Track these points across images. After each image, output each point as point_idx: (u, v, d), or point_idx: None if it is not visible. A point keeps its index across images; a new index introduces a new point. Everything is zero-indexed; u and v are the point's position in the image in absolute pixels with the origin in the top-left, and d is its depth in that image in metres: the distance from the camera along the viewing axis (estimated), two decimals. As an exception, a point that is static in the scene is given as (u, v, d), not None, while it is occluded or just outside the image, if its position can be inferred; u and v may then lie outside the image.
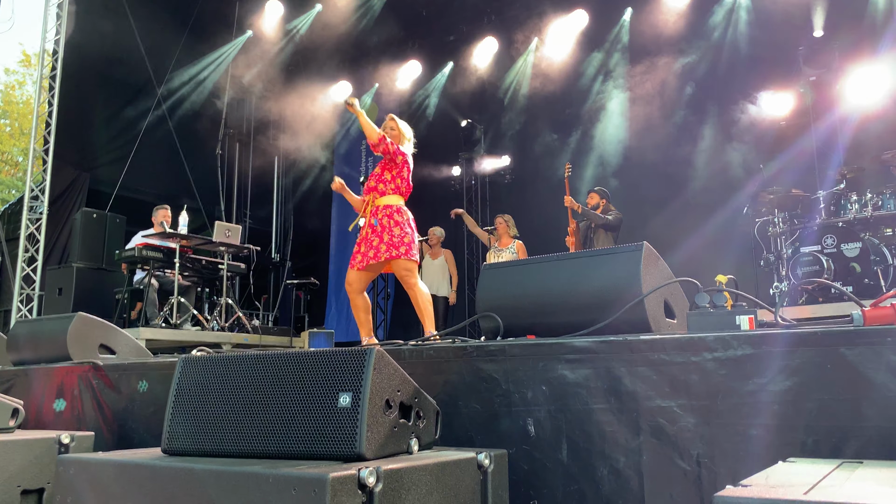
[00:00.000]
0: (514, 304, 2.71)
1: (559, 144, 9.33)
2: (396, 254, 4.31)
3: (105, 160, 9.04)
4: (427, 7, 10.29)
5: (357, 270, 4.43)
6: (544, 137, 9.43)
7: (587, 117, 9.18)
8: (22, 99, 23.86)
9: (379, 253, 4.32)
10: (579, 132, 9.20)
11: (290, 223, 11.85)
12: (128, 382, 3.21)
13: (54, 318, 4.05)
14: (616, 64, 9.07)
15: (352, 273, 4.47)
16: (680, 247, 7.49)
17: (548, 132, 9.42)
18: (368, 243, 4.38)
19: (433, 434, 2.04)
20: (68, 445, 2.66)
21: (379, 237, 4.35)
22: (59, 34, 8.35)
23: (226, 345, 6.98)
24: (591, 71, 9.23)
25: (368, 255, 4.36)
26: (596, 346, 2.15)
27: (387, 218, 4.38)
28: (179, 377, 2.08)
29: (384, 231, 4.35)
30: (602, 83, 9.12)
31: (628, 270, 2.45)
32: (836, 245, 5.66)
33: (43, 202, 8.15)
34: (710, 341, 1.99)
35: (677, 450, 1.97)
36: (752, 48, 7.98)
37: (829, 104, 7.21)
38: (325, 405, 1.79)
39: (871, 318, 1.90)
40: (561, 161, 9.17)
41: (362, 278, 4.49)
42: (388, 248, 4.31)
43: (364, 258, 4.38)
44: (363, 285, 4.53)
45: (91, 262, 7.79)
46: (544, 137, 9.43)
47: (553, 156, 9.33)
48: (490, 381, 2.33)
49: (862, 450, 1.75)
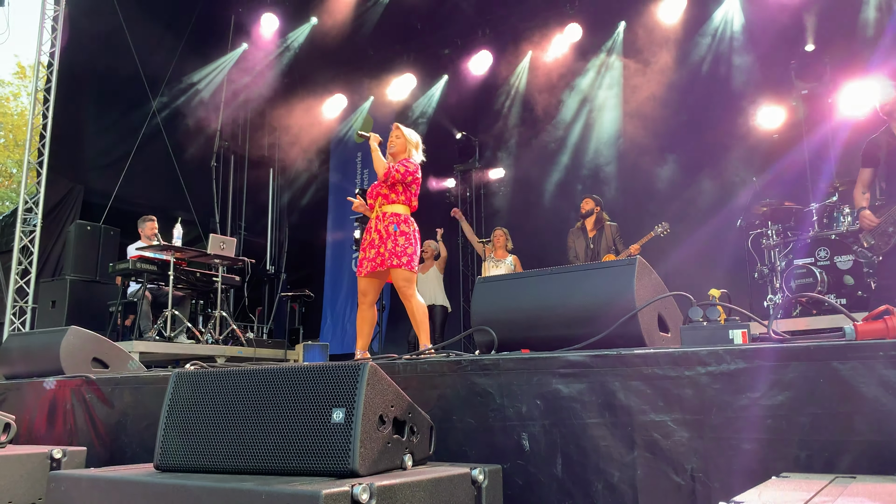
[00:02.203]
0: (509, 317, 2.72)
1: (553, 157, 9.36)
2: (398, 263, 4.31)
3: (99, 172, 9.03)
4: (422, 20, 10.34)
5: (365, 277, 4.44)
6: (539, 150, 9.47)
7: (581, 129, 9.22)
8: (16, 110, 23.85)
9: (384, 260, 4.34)
10: (574, 144, 9.24)
11: (285, 235, 11.84)
12: (121, 397, 3.19)
13: (47, 332, 4.03)
14: (609, 77, 9.13)
15: (363, 282, 4.47)
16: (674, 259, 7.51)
17: (542, 144, 9.45)
18: (376, 249, 4.39)
19: (427, 449, 2.04)
20: (60, 461, 2.64)
21: (384, 244, 4.35)
22: (55, 46, 8.37)
23: (220, 357, 6.95)
24: (584, 84, 9.28)
25: (376, 262, 4.36)
26: (590, 360, 2.16)
27: (393, 226, 4.38)
28: (172, 392, 2.07)
29: (389, 238, 4.35)
30: (595, 95, 9.17)
31: (622, 284, 2.46)
32: (829, 257, 5.68)
33: (37, 214, 8.14)
34: (703, 355, 1.99)
35: (671, 464, 1.98)
36: (744, 62, 8.04)
37: (821, 117, 7.26)
38: (319, 421, 1.79)
39: (863, 333, 1.91)
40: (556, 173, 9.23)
41: (374, 287, 4.49)
42: (391, 255, 4.32)
43: (371, 263, 4.38)
44: (376, 295, 4.55)
45: (85, 274, 7.76)
46: (539, 150, 9.47)
47: (547, 168, 9.36)
48: (484, 395, 2.33)
49: (855, 464, 1.75)
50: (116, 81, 9.19)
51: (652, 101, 8.51)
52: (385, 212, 4.44)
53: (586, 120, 9.20)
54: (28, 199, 8.19)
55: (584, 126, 9.20)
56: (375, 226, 4.44)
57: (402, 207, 4.46)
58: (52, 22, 8.42)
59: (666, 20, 8.58)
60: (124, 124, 9.28)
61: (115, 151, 9.10)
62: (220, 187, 10.68)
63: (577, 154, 9.17)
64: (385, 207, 4.45)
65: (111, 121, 9.28)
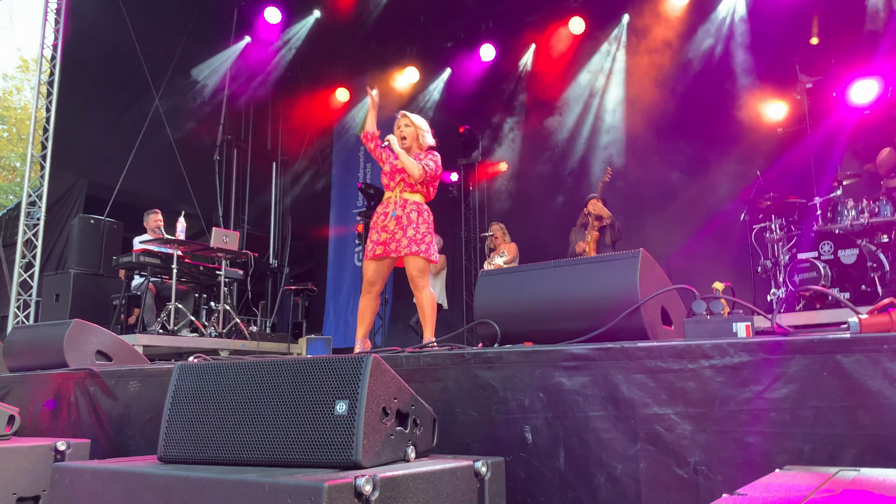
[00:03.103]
0: (512, 310, 2.71)
1: (557, 151, 9.35)
2: (417, 250, 4.22)
3: (103, 166, 9.03)
4: (425, 14, 10.31)
5: (374, 260, 4.31)
6: (542, 144, 9.45)
7: (585, 123, 9.20)
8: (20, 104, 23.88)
9: (400, 246, 4.23)
10: (577, 138, 9.22)
11: (288, 229, 11.85)
12: (124, 389, 3.20)
13: (51, 325, 4.04)
14: (613, 70, 9.10)
15: (371, 266, 4.34)
16: (678, 253, 7.50)
17: (545, 138, 9.44)
18: (391, 234, 4.27)
19: (430, 442, 2.04)
20: (64, 453, 2.65)
21: (403, 230, 4.25)
22: (58, 40, 8.36)
23: (223, 351, 6.97)
24: (588, 77, 9.26)
25: (390, 247, 4.25)
26: (593, 353, 2.15)
27: (415, 213, 4.30)
28: (176, 384, 2.08)
29: (410, 225, 4.26)
30: (599, 89, 9.14)
31: (625, 277, 2.45)
32: (833, 251, 5.66)
33: (40, 208, 8.15)
34: (707, 349, 1.99)
35: (674, 457, 1.97)
36: (748, 56, 8.01)
37: (825, 111, 7.23)
38: (322, 413, 1.79)
39: (868, 326, 1.90)
40: (559, 167, 9.21)
41: (382, 274, 4.38)
42: (410, 242, 4.23)
43: (385, 247, 4.26)
44: (382, 284, 4.44)
45: (88, 267, 7.77)
46: (542, 144, 9.45)
47: (551, 162, 9.35)
48: (487, 388, 2.33)
49: (859, 457, 1.75)
50: (120, 75, 9.19)
51: (656, 95, 8.48)
52: (406, 199, 4.35)
53: (590, 113, 9.18)
54: (31, 192, 8.21)
55: (588, 119, 9.18)
56: (394, 210, 4.30)
57: (421, 197, 4.42)
58: (55, 15, 8.41)
59: (670, 13, 8.54)
60: (127, 117, 9.28)
61: (119, 145, 9.10)
62: (224, 181, 10.68)
63: (581, 147, 9.15)
64: (406, 194, 4.36)
65: (114, 114, 9.29)
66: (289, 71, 11.20)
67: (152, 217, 7.34)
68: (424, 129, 4.56)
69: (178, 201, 9.19)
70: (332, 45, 10.74)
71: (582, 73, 9.28)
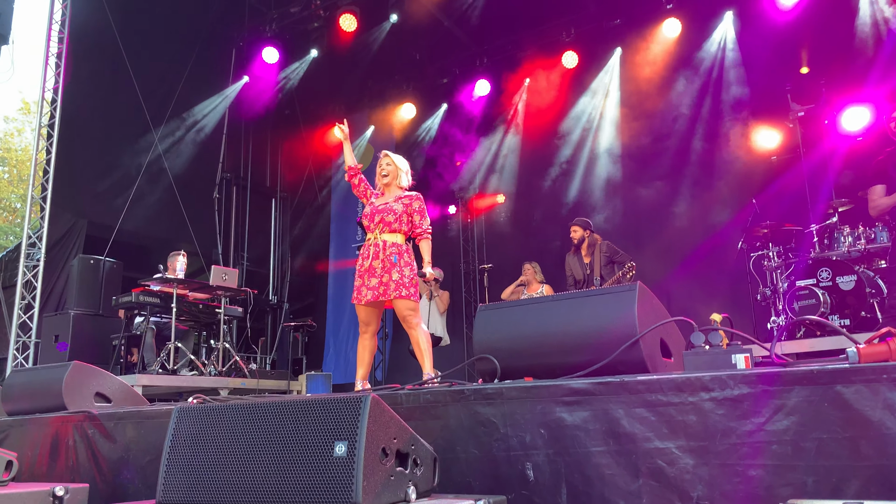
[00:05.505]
0: (511, 345, 2.71)
1: (553, 181, 9.42)
2: (405, 294, 4.31)
3: (102, 206, 9.07)
4: (420, 51, 10.50)
5: (365, 306, 4.41)
6: (539, 174, 9.53)
7: (580, 153, 9.29)
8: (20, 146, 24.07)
9: (388, 290, 4.32)
10: (573, 169, 9.30)
11: (288, 265, 11.86)
12: (123, 432, 3.18)
13: (49, 367, 4.02)
14: (606, 102, 9.21)
15: (363, 311, 4.44)
16: (676, 281, 7.50)
17: (542, 169, 9.52)
18: (378, 278, 4.36)
19: (431, 481, 2.02)
20: (62, 498, 2.62)
21: (388, 273, 4.34)
22: (58, 83, 8.47)
23: (223, 390, 6.92)
24: (582, 110, 9.37)
25: (378, 291, 4.34)
26: (593, 388, 2.15)
27: (396, 256, 4.38)
28: (175, 427, 2.07)
29: (393, 269, 4.34)
30: (593, 120, 9.25)
31: (623, 310, 2.46)
32: (831, 278, 5.67)
33: (40, 249, 8.16)
34: (706, 381, 1.99)
35: (677, 492, 1.96)
36: (740, 85, 8.12)
37: (818, 138, 7.31)
38: (321, 455, 1.78)
39: (866, 356, 1.90)
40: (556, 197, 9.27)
41: (375, 315, 4.48)
42: (396, 286, 4.31)
43: (373, 292, 4.35)
44: (378, 324, 4.54)
45: (88, 308, 7.75)
46: (539, 174, 9.53)
47: (547, 194, 9.41)
48: (488, 424, 2.31)
49: (863, 489, 1.73)
50: (119, 116, 9.28)
51: (649, 125, 8.58)
52: (385, 241, 4.43)
53: (585, 144, 9.27)
54: (31, 233, 8.23)
55: (583, 150, 9.27)
56: (375, 253, 4.41)
57: (402, 237, 4.49)
58: (56, 59, 8.53)
59: (662, 45, 8.69)
60: (127, 158, 9.35)
61: (118, 185, 9.15)
62: (223, 218, 10.72)
63: (576, 178, 9.22)
64: (385, 236, 4.45)
65: (114, 155, 9.35)
66: (287, 108, 11.33)
67: (178, 259, 6.98)
68: (404, 170, 4.75)
69: (178, 240, 9.21)
70: (330, 83, 10.88)
71: (576, 104, 9.40)
